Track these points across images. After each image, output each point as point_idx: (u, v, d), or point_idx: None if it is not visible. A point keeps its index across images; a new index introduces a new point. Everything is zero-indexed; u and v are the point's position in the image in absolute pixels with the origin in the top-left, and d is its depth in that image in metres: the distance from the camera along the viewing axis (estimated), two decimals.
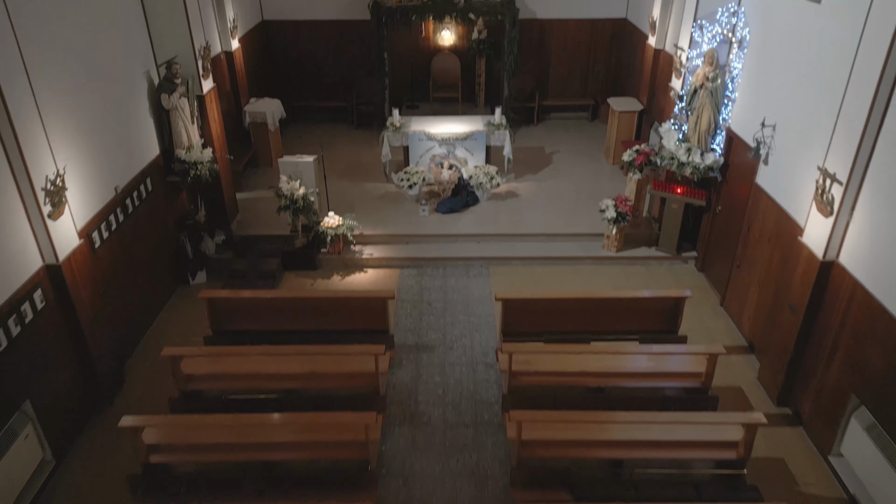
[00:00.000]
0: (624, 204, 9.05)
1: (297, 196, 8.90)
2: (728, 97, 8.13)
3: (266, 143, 11.54)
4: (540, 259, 9.43)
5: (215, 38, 10.39)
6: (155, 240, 8.20)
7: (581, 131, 13.38)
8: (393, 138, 10.85)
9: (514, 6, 11.93)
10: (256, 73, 12.47)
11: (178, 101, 8.14)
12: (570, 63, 13.60)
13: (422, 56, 13.57)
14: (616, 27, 13.18)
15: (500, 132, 10.84)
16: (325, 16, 13.02)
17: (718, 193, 8.64)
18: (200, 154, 8.46)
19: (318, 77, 13.65)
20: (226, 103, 10.87)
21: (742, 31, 7.78)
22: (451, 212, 10.25)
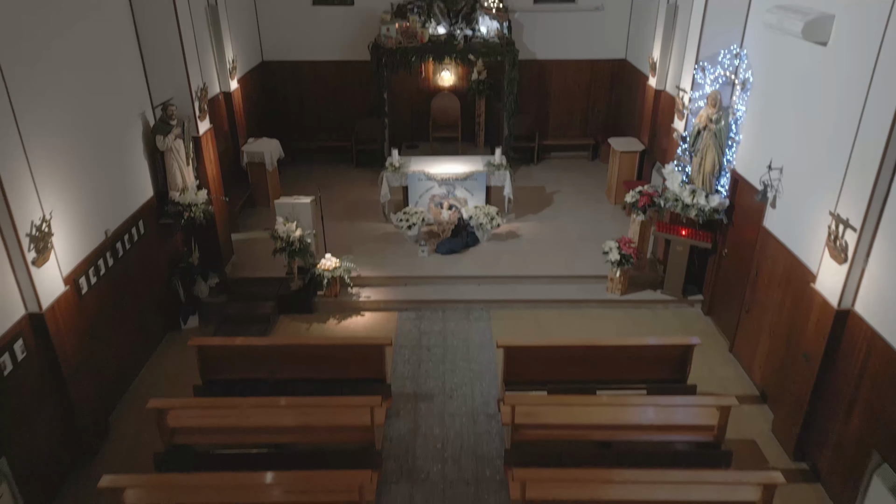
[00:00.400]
0: (628, 246, 8.85)
1: (293, 238, 8.70)
2: (732, 139, 8.01)
3: (264, 184, 11.41)
4: (543, 302, 9.18)
5: (214, 79, 10.35)
6: (146, 283, 7.97)
7: (582, 171, 13.28)
8: (392, 178, 10.72)
9: (513, 48, 11.96)
10: (255, 113, 12.43)
11: (174, 142, 8.01)
12: (569, 103, 13.59)
13: (421, 96, 13.57)
14: (615, 68, 13.21)
15: (500, 172, 10.71)
16: (325, 56, 13.06)
17: (724, 236, 8.44)
18: (195, 196, 8.29)
19: (317, 117, 13.63)
20: (223, 143, 10.78)
21: (745, 73, 7.70)
22: (451, 253, 10.05)
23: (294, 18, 12.74)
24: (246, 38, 12.08)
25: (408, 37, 11.99)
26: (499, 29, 12.24)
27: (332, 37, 12.89)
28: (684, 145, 8.51)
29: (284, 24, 12.78)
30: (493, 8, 12.10)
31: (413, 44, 11.95)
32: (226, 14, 10.45)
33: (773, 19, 6.71)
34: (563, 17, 12.79)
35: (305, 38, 12.90)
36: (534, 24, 12.85)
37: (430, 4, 12.47)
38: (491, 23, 12.30)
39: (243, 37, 11.89)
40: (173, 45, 7.89)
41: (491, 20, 12.28)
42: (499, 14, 12.18)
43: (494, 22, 12.27)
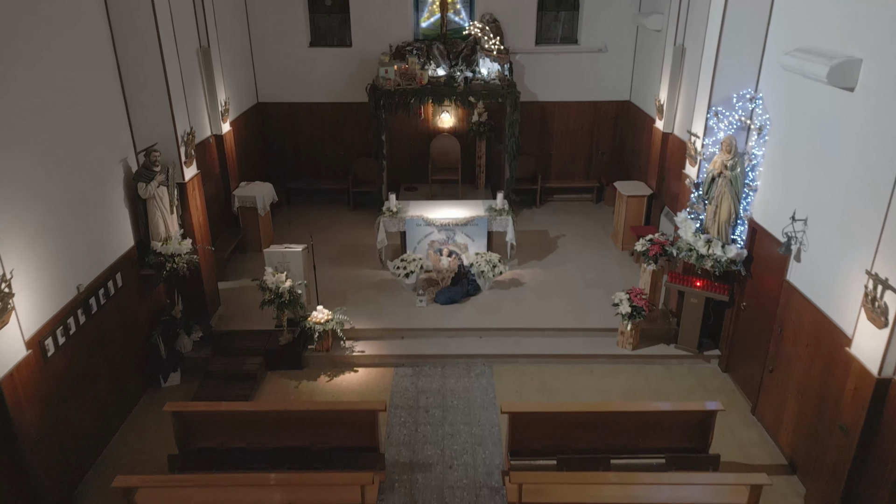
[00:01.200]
0: (639, 298, 8.32)
1: (282, 290, 8.18)
2: (749, 186, 7.56)
3: (255, 229, 10.94)
4: (549, 357, 8.60)
5: (205, 122, 9.97)
6: (123, 340, 7.41)
7: (586, 214, 12.84)
8: (389, 224, 10.25)
9: (514, 89, 11.65)
10: (249, 155, 12.05)
11: (157, 189, 7.56)
12: (572, 145, 13.24)
13: (421, 138, 13.24)
14: (620, 109, 12.90)
15: (502, 218, 10.25)
16: (321, 98, 12.76)
17: (742, 288, 7.92)
18: (178, 246, 7.80)
19: (314, 159, 13.26)
20: (214, 187, 10.36)
21: (761, 118, 7.30)
22: (451, 302, 9.51)
23: (290, 60, 12.49)
24: (241, 80, 11.79)
25: (407, 78, 11.69)
26: (500, 70, 11.96)
27: (330, 78, 12.62)
28: (697, 192, 8.06)
29: (280, 65, 12.51)
30: (494, 50, 11.84)
31: (412, 86, 11.65)
32: (219, 56, 10.14)
33: (792, 63, 6.32)
34: (566, 58, 12.53)
35: (302, 79, 12.62)
36: (535, 65, 12.59)
37: (429, 46, 12.22)
38: (492, 64, 12.03)
39: (238, 78, 11.59)
40: (158, 89, 7.51)
41: (492, 62, 12.02)
42: (499, 56, 11.92)
43: (495, 64, 12.00)
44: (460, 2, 12.53)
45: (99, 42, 7.04)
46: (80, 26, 6.63)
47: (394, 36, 12.31)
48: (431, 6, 12.55)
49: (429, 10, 12.59)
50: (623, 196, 10.91)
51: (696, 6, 9.34)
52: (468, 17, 12.55)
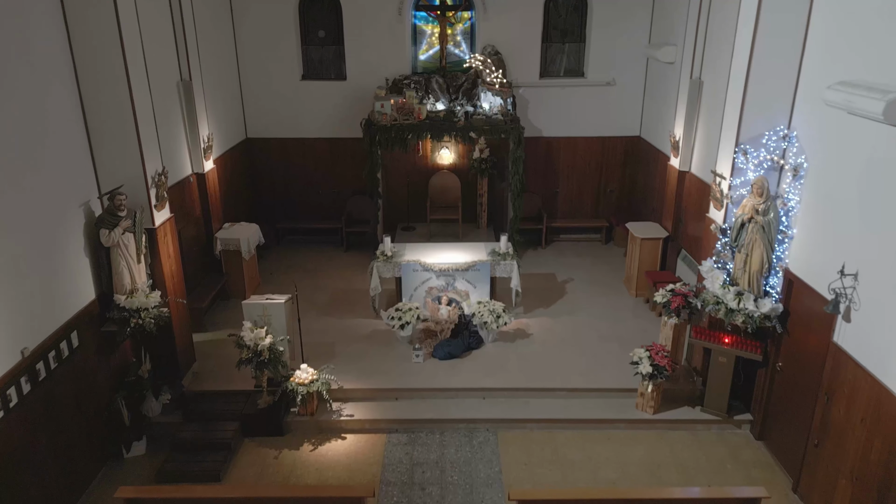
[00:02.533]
0: (661, 356, 7.44)
1: (261, 347, 7.30)
2: (784, 233, 6.76)
3: (239, 273, 10.11)
4: (561, 422, 7.68)
5: (184, 160, 9.24)
6: (77, 409, 6.51)
7: (595, 256, 12.03)
8: (383, 269, 9.43)
9: (518, 125, 10.96)
10: (235, 194, 11.31)
11: (121, 237, 6.76)
12: (579, 182, 12.51)
13: (419, 175, 12.51)
14: (629, 145, 12.20)
15: (506, 262, 9.44)
16: (314, 133, 12.09)
17: (777, 346, 7.06)
18: (145, 299, 6.97)
19: (305, 197, 12.52)
20: (194, 230, 9.58)
21: (797, 158, 6.54)
22: (451, 357, 8.62)
23: (281, 94, 11.85)
24: (227, 115, 11.11)
25: (404, 113, 11.02)
26: (502, 105, 11.29)
27: (323, 113, 11.96)
28: (725, 239, 7.25)
29: (271, 99, 11.87)
30: (496, 83, 11.18)
31: (409, 121, 10.97)
32: (202, 89, 9.47)
33: (837, 97, 5.57)
34: (572, 92, 11.89)
35: (293, 114, 11.97)
36: (539, 99, 11.94)
37: (427, 79, 11.59)
38: (494, 99, 11.36)
39: (224, 113, 10.92)
40: (126, 125, 6.77)
41: (494, 96, 11.35)
42: (502, 89, 11.26)
43: (497, 98, 11.34)
44: (460, 34, 11.95)
45: (59, 74, 6.32)
46: (36, 54, 5.92)
47: (391, 69, 11.69)
48: (430, 38, 11.97)
49: (427, 43, 12.01)
50: (636, 238, 10.10)
51: (714, 37, 8.69)
52: (469, 50, 11.96)
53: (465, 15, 11.82)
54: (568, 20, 11.78)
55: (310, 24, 11.74)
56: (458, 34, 11.94)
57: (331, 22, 11.72)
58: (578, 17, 11.74)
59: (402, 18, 11.49)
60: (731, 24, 7.91)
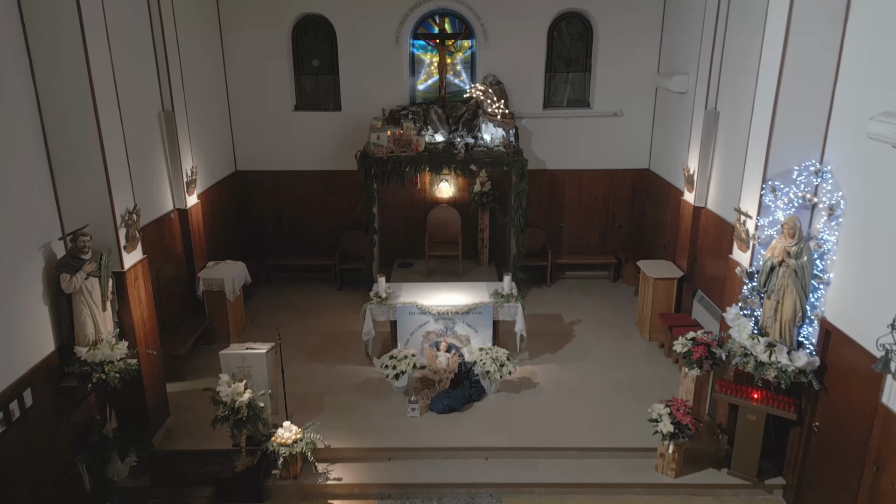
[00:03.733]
0: (682, 413, 6.71)
1: (239, 404, 6.58)
2: (819, 277, 6.10)
3: (223, 315, 9.42)
4: (571, 486, 6.91)
5: (165, 195, 8.65)
6: (32, 473, 5.75)
7: (604, 295, 11.34)
8: (377, 312, 8.75)
9: (521, 157, 10.40)
10: (222, 230, 10.68)
11: (85, 282, 6.10)
12: (585, 216, 11.90)
13: (417, 209, 11.92)
14: (638, 178, 11.63)
15: (510, 305, 8.76)
16: (307, 166, 11.52)
17: (814, 404, 6.33)
18: (110, 350, 6.27)
19: (297, 233, 11.90)
20: (175, 269, 8.93)
21: (832, 195, 5.92)
22: (450, 411, 7.88)
23: (273, 125, 11.32)
24: (215, 147, 10.56)
25: (401, 145, 10.47)
26: (504, 136, 10.75)
27: (316, 145, 11.42)
28: (752, 284, 6.59)
29: (262, 130, 11.33)
30: (498, 114, 10.66)
31: (407, 153, 10.41)
32: (185, 120, 8.92)
33: (882, 129, 4.99)
34: (577, 123, 11.36)
35: (285, 145, 11.42)
36: (543, 130, 11.41)
37: (426, 110, 11.07)
38: (495, 130, 10.83)
39: (212, 145, 10.37)
40: (93, 159, 6.17)
41: (495, 127, 10.82)
42: (504, 120, 10.73)
43: (499, 129, 10.81)
44: (460, 63, 11.48)
45: (17, 101, 5.73)
46: None
47: (387, 99, 11.18)
48: (429, 68, 11.49)
49: (426, 72, 11.53)
50: (649, 278, 9.44)
51: (730, 66, 8.16)
52: (469, 80, 11.47)
53: (465, 44, 11.37)
54: (572, 49, 11.32)
55: (303, 52, 11.28)
56: (458, 63, 11.47)
57: (325, 51, 11.26)
58: (583, 46, 11.28)
59: (400, 47, 11.03)
60: (751, 53, 7.41)
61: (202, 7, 10.04)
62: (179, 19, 8.80)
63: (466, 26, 11.13)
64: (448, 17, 11.18)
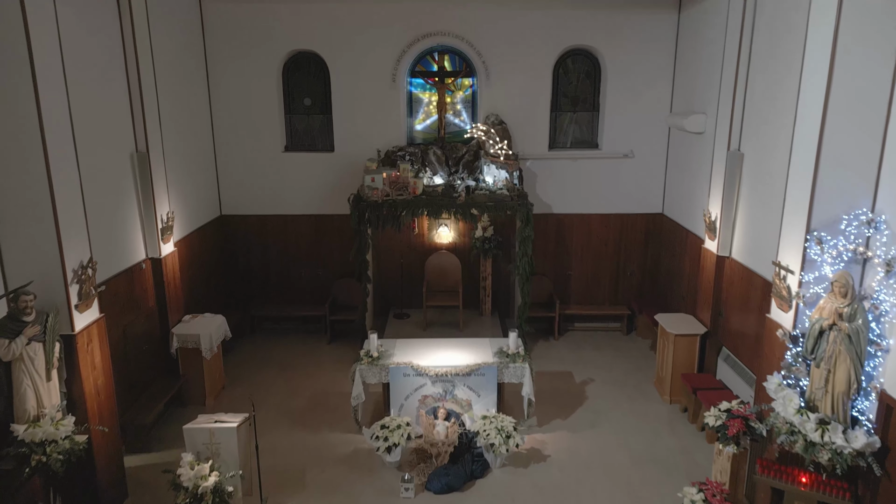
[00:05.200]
0: (720, 499, 5.77)
1: (203, 490, 5.64)
2: (877, 344, 5.26)
3: (199, 375, 8.52)
4: None
5: (135, 244, 7.88)
6: None
7: (617, 349, 10.45)
8: (369, 373, 7.87)
9: (526, 200, 9.68)
10: (203, 279, 9.88)
11: (26, 348, 5.26)
12: (595, 264, 11.11)
13: (414, 255, 11.14)
14: (651, 223, 10.87)
15: (516, 366, 7.88)
16: (297, 210, 10.80)
17: (873, 491, 5.40)
18: (53, 428, 5.38)
19: (286, 281, 11.09)
20: (145, 325, 8.09)
21: (889, 250, 5.13)
22: (449, 490, 6.91)
23: (261, 166, 10.63)
24: (198, 190, 9.85)
25: (397, 188, 9.76)
26: (507, 178, 10.07)
27: (307, 187, 10.72)
28: (796, 349, 5.74)
29: (249, 172, 10.64)
30: (501, 155, 9.99)
31: (404, 196, 9.70)
32: (162, 162, 8.23)
33: None
34: (585, 165, 10.68)
35: (275, 188, 10.72)
36: (549, 172, 10.72)
37: (424, 151, 10.41)
38: (498, 172, 10.15)
39: (194, 188, 9.66)
40: (41, 207, 5.40)
41: (498, 169, 10.15)
42: (507, 162, 10.05)
43: (502, 171, 10.13)
44: (461, 102, 10.86)
45: None
46: None
47: (383, 140, 10.53)
48: (427, 107, 10.88)
49: (424, 112, 10.91)
50: (668, 334, 8.57)
51: (755, 105, 7.49)
52: (470, 119, 10.84)
53: (465, 82, 10.78)
54: (579, 87, 10.72)
55: (294, 91, 10.68)
56: (459, 102, 10.86)
57: (318, 89, 10.66)
58: (591, 84, 10.68)
59: (397, 85, 10.43)
60: (780, 90, 6.76)
61: (186, 41, 9.47)
62: (159, 53, 8.20)
63: (467, 64, 10.56)
64: (447, 55, 10.62)
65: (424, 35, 10.20)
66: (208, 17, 9.95)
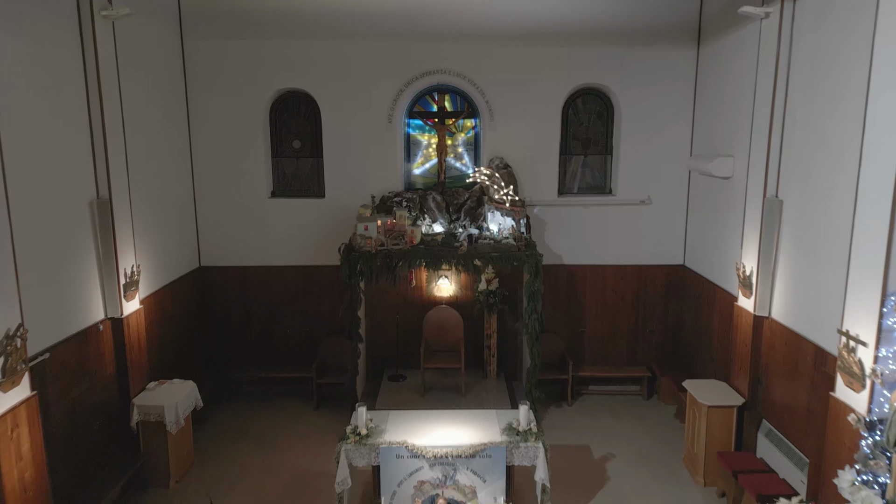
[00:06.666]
0: None
1: None
2: None
3: (163, 452, 7.42)
4: None
5: (92, 303, 6.91)
6: None
7: (638, 417, 9.33)
8: (356, 455, 6.76)
9: (535, 250, 8.75)
10: (176, 339, 8.87)
11: None
12: (610, 320, 10.10)
13: (411, 310, 10.14)
14: (672, 276, 9.91)
15: (528, 445, 6.78)
16: (283, 260, 9.87)
17: None
18: None
19: (269, 339, 10.07)
20: (99, 396, 7.05)
21: None
22: None
23: (245, 213, 9.76)
24: (174, 240, 8.95)
25: (393, 237, 8.86)
26: (514, 227, 9.18)
27: (295, 236, 9.82)
28: (875, 437, 4.69)
29: (232, 220, 9.76)
30: (506, 201, 9.12)
31: (400, 245, 8.78)
32: (128, 210, 7.34)
33: None
34: (598, 211, 9.79)
35: (259, 237, 9.82)
36: (559, 220, 9.83)
37: (423, 197, 9.56)
38: (503, 219, 9.28)
39: (169, 238, 8.76)
40: None
41: (503, 216, 9.27)
42: (513, 208, 9.18)
43: (507, 218, 9.25)
44: (462, 144, 10.06)
45: None
46: None
47: (379, 185, 9.69)
48: (426, 149, 10.08)
49: (423, 155, 10.10)
50: (700, 405, 7.50)
51: (797, 144, 6.62)
52: (472, 163, 10.02)
53: (467, 123, 10.00)
54: (591, 129, 9.93)
55: (282, 132, 9.89)
56: (460, 145, 10.06)
57: (308, 131, 9.88)
58: (603, 125, 9.90)
59: (393, 127, 9.64)
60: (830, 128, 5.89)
61: (164, 79, 8.73)
62: (130, 91, 7.44)
63: (469, 103, 9.80)
64: (448, 94, 9.88)
65: (423, 73, 9.47)
66: (190, 53, 9.24)
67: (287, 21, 9.18)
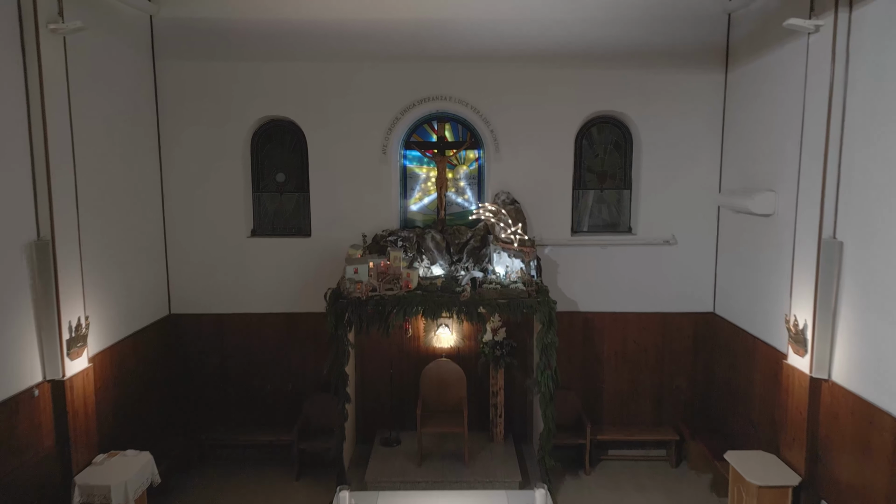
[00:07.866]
0: None
1: None
2: None
3: None
4: None
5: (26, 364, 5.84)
6: None
7: (666, 490, 8.12)
8: None
9: (547, 297, 7.71)
10: (135, 400, 7.74)
11: None
12: (632, 375, 8.96)
13: (407, 363, 9.03)
14: (701, 325, 8.82)
15: None
16: (264, 307, 8.82)
17: None
18: None
19: (247, 397, 8.93)
20: (35, 474, 5.92)
21: None
22: None
23: (222, 254, 8.74)
24: (137, 285, 7.90)
25: (387, 281, 7.86)
26: (522, 269, 8.16)
27: (277, 279, 8.79)
28: None
29: (207, 262, 8.74)
30: (514, 241, 8.11)
31: (394, 291, 7.76)
32: (76, 252, 6.33)
33: None
34: (617, 252, 8.77)
35: (237, 281, 8.78)
36: (573, 262, 8.80)
37: (420, 235, 8.57)
38: (511, 261, 8.27)
39: (130, 283, 7.72)
40: None
41: (511, 257, 8.26)
42: (522, 249, 8.17)
43: (516, 260, 8.24)
44: (465, 178, 9.10)
45: None
46: None
47: (371, 222, 8.70)
48: (425, 184, 9.12)
49: (421, 189, 9.14)
50: (749, 485, 6.32)
51: (859, 176, 5.64)
52: (476, 198, 9.05)
53: (470, 155, 9.07)
54: (607, 161, 8.98)
55: (265, 164, 8.95)
56: (462, 178, 9.09)
57: (293, 163, 8.94)
58: (621, 157, 8.95)
59: (388, 158, 8.70)
60: None
61: (130, 105, 7.80)
62: (83, 117, 6.51)
63: (472, 133, 8.88)
64: (449, 123, 8.96)
65: (421, 100, 8.56)
66: (163, 75, 8.35)
67: (271, 41, 8.32)
